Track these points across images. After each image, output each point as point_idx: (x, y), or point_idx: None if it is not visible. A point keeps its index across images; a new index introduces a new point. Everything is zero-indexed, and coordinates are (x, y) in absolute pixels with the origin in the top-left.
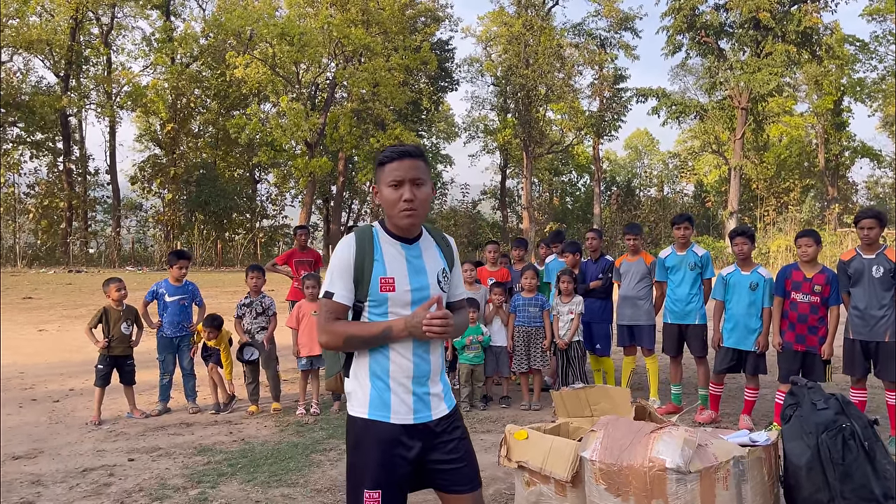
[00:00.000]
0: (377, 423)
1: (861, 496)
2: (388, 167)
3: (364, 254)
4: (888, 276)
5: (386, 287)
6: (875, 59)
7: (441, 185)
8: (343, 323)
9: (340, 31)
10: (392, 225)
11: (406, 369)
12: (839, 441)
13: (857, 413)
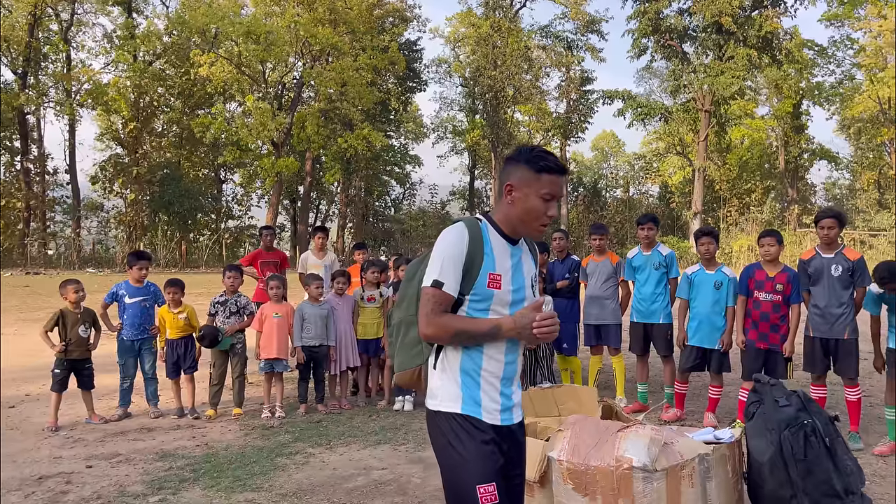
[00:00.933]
0: (469, 419)
1: (823, 492)
2: (546, 178)
3: (476, 246)
4: (846, 274)
5: (493, 283)
6: (833, 64)
7: (410, 185)
8: (451, 316)
9: (307, 31)
10: (510, 227)
11: (497, 370)
12: (801, 437)
13: (819, 410)
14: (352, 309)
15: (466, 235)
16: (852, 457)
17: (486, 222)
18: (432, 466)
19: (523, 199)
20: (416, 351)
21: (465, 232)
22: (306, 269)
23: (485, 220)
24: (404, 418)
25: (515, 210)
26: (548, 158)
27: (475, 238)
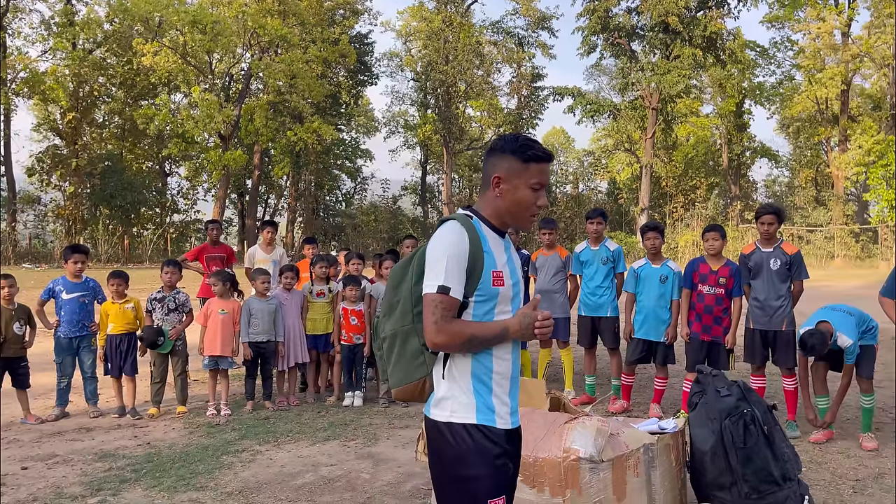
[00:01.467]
0: (484, 429)
1: (761, 478)
2: (535, 167)
3: (476, 245)
4: (784, 268)
5: (498, 281)
6: (773, 65)
7: (361, 179)
8: (461, 322)
9: (256, 21)
10: (499, 220)
11: (506, 370)
12: (741, 426)
13: (758, 399)
14: (300, 304)
15: (466, 235)
16: (789, 444)
17: (476, 218)
18: (382, 462)
19: (512, 191)
20: (419, 362)
21: (465, 231)
22: (253, 263)
23: (475, 217)
24: (354, 414)
25: (504, 202)
26: (535, 147)
27: (474, 236)
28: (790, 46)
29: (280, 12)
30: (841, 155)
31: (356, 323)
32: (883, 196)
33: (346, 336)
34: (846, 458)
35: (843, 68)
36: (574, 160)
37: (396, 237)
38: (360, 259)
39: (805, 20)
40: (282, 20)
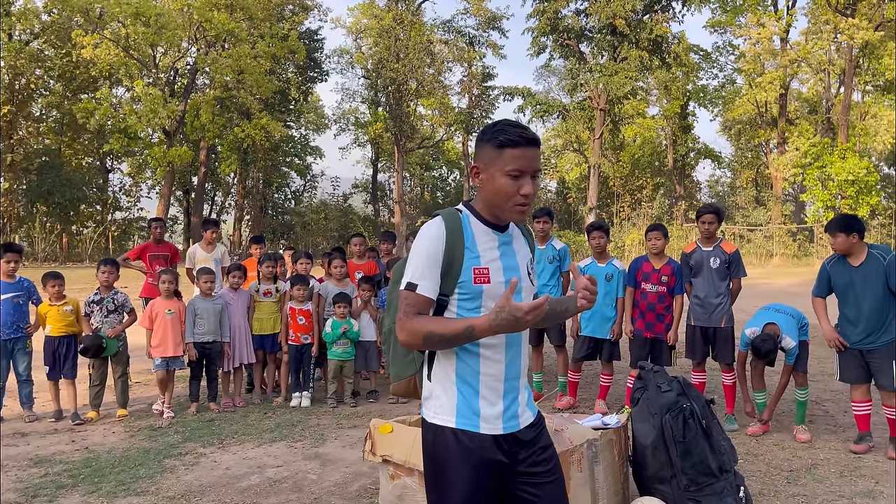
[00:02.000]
0: (465, 433)
1: (699, 471)
2: (509, 152)
3: (455, 241)
4: (724, 266)
5: (480, 279)
6: (716, 69)
7: (311, 177)
8: (424, 319)
9: (202, 15)
10: (490, 213)
11: (497, 371)
12: (680, 420)
13: (697, 394)
14: (247, 304)
15: (443, 230)
16: (726, 437)
17: (466, 212)
18: (329, 462)
19: (490, 180)
20: (409, 359)
21: (442, 226)
22: (194, 263)
23: (465, 210)
24: (301, 415)
25: (486, 192)
26: (508, 131)
27: (454, 231)
28: (732, 51)
29: (227, 6)
30: (779, 157)
31: (304, 323)
32: (818, 197)
33: (294, 336)
34: (781, 450)
35: (782, 73)
36: None
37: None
38: (308, 258)
39: (746, 26)
40: (229, 14)
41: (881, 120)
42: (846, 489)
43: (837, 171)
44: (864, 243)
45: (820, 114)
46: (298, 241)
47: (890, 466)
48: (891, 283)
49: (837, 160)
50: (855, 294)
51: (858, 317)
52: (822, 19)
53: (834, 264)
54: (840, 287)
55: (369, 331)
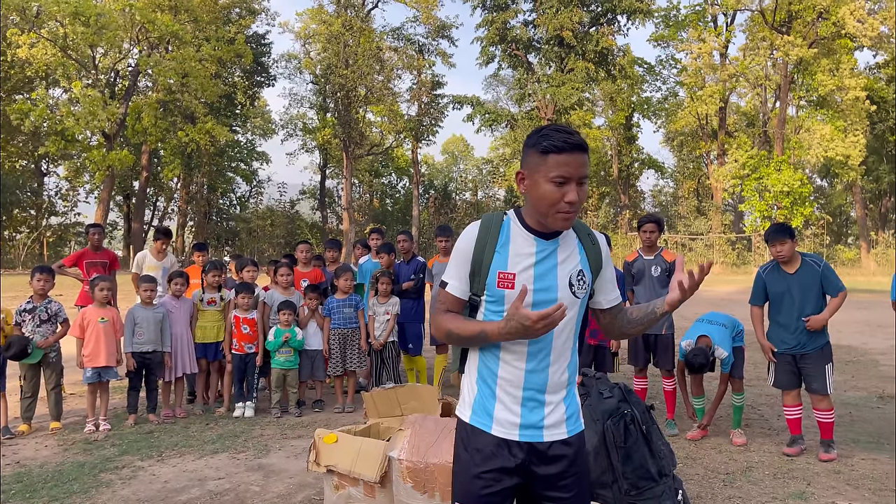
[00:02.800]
0: (477, 431)
1: (640, 475)
2: (553, 158)
3: (486, 243)
4: (664, 275)
5: (504, 283)
6: (659, 81)
7: (257, 183)
8: (448, 317)
9: (144, 16)
10: (535, 219)
11: (516, 378)
12: (621, 426)
13: (637, 400)
14: (190, 312)
15: (476, 232)
16: (665, 442)
17: (512, 216)
18: (273, 473)
19: (534, 187)
20: (457, 355)
21: (477, 228)
22: (141, 270)
23: (511, 214)
24: (244, 425)
25: (531, 199)
26: (553, 136)
27: (488, 233)
28: (674, 64)
29: (171, 8)
30: (719, 168)
31: (248, 331)
32: (756, 207)
33: (238, 345)
34: (718, 454)
35: (721, 87)
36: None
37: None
38: (254, 266)
39: (687, 40)
40: (173, 16)
41: (814, 134)
42: (779, 491)
43: (773, 182)
44: (797, 251)
45: (757, 127)
46: (244, 248)
47: (821, 468)
48: (826, 289)
49: (773, 172)
50: (791, 300)
51: (793, 323)
52: (759, 36)
53: (769, 272)
54: (776, 294)
55: (316, 339)
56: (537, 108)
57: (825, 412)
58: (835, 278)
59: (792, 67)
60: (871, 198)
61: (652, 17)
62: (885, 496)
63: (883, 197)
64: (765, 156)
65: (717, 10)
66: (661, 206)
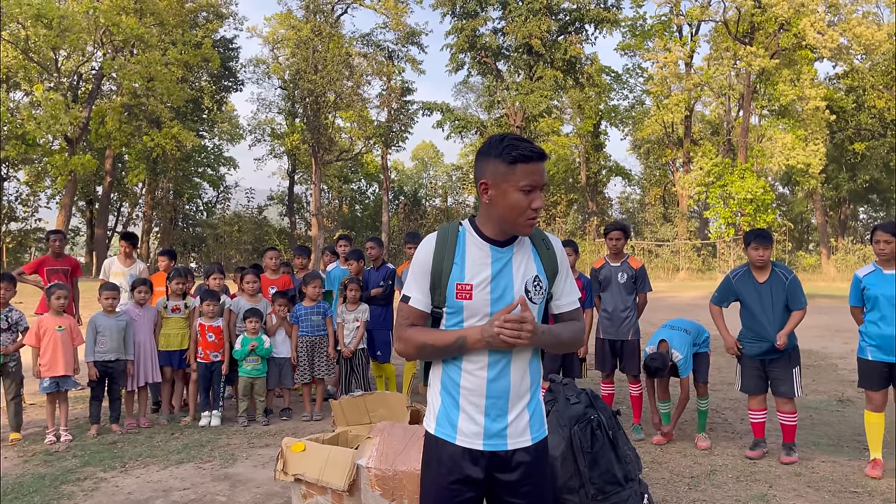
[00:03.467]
0: (441, 442)
1: (606, 480)
2: (521, 168)
3: (443, 255)
4: (630, 281)
5: (462, 294)
6: (626, 90)
7: (224, 188)
8: (417, 330)
9: (108, 18)
10: (494, 227)
11: (478, 387)
12: (588, 431)
13: (604, 405)
14: (154, 320)
15: (433, 244)
16: (631, 447)
17: (466, 227)
18: (240, 483)
19: (501, 196)
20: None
21: (433, 240)
22: (108, 276)
23: (465, 225)
24: (210, 434)
25: (496, 209)
26: (520, 147)
27: (444, 246)
28: (641, 73)
29: (137, 11)
30: (685, 175)
31: (213, 339)
32: (720, 214)
33: (203, 353)
34: (683, 458)
35: (687, 96)
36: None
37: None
38: (220, 273)
39: (653, 50)
40: (138, 19)
41: (776, 142)
42: (742, 493)
43: (737, 189)
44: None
45: (721, 135)
46: (210, 254)
47: (783, 471)
48: (790, 303)
49: (737, 179)
50: (761, 308)
51: (761, 331)
52: (723, 46)
53: (740, 278)
54: (747, 301)
55: (284, 347)
56: (506, 116)
57: (789, 415)
58: (800, 293)
59: (754, 77)
60: (831, 205)
61: (619, 27)
62: (845, 498)
63: (842, 204)
64: (729, 164)
65: (683, 21)
66: (629, 212)
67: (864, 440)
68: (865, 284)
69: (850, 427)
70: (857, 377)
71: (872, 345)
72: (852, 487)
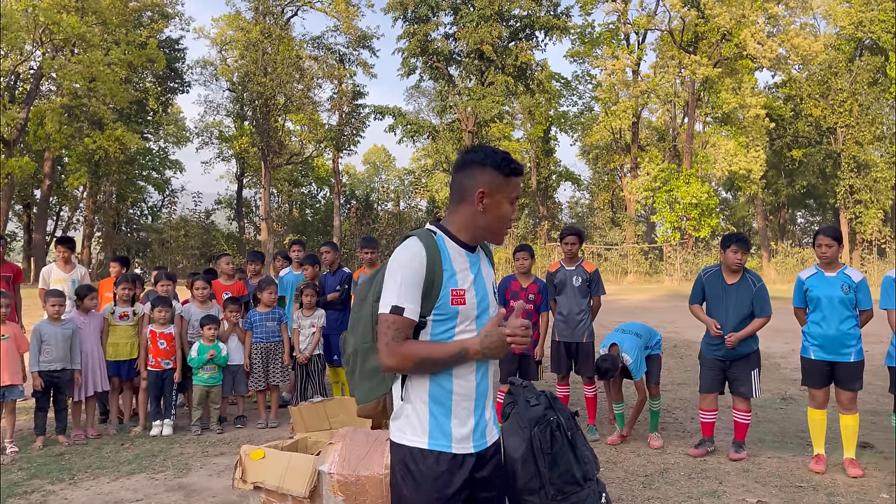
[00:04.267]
0: (437, 455)
1: (565, 480)
2: (514, 181)
3: (435, 262)
4: (585, 285)
5: (457, 300)
6: (575, 96)
7: (170, 192)
8: (414, 344)
9: (49, 17)
10: (470, 235)
11: (469, 391)
12: (548, 433)
13: (562, 407)
14: (100, 327)
15: (424, 252)
16: (589, 447)
17: (440, 234)
18: (195, 493)
19: (496, 205)
20: (378, 381)
21: (422, 248)
22: (48, 284)
23: (439, 232)
24: (163, 444)
25: (487, 217)
26: (513, 162)
27: (433, 253)
28: (590, 80)
29: (78, 9)
30: (632, 181)
31: (165, 347)
32: (667, 218)
33: (154, 361)
34: (637, 457)
35: (634, 102)
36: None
37: (209, 253)
38: (170, 279)
39: (602, 57)
40: (80, 18)
41: (719, 149)
42: (694, 490)
43: (683, 194)
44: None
45: (667, 141)
46: (156, 259)
47: (732, 467)
48: (756, 310)
49: (683, 185)
50: (724, 309)
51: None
52: (669, 55)
53: (710, 276)
54: (712, 299)
55: (238, 354)
56: (458, 121)
57: (744, 413)
58: (767, 302)
59: (698, 85)
60: (771, 210)
61: (568, 34)
62: (791, 492)
63: (781, 209)
64: (674, 169)
65: (630, 29)
66: (578, 217)
67: (807, 436)
68: (808, 286)
69: (794, 424)
70: (798, 376)
71: (815, 344)
72: (798, 482)
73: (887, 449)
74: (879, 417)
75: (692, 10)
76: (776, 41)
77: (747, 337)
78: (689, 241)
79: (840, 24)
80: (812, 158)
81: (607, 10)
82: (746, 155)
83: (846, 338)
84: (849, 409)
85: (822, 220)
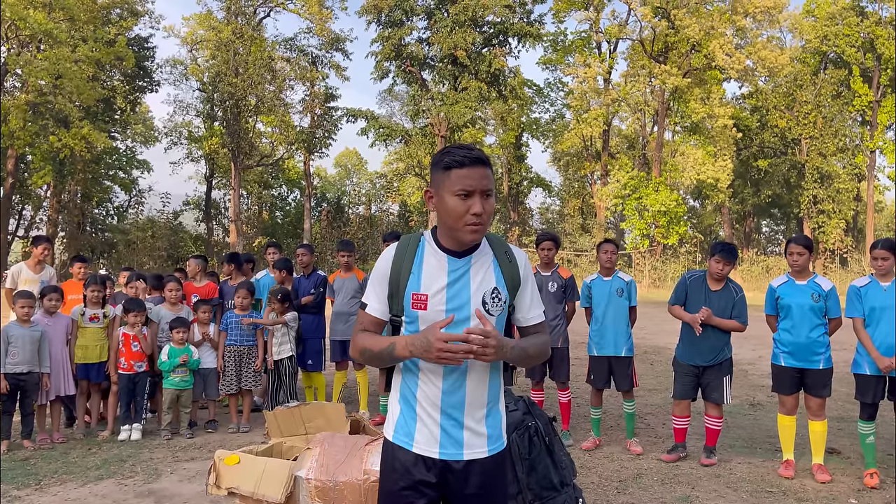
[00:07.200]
0: (397, 449)
1: (543, 485)
2: (455, 173)
3: (401, 265)
4: (560, 290)
5: (417, 304)
6: (547, 103)
7: (137, 192)
8: (364, 335)
9: (15, 12)
10: (447, 237)
11: (434, 396)
12: (526, 438)
13: (540, 412)
14: (67, 329)
15: (392, 254)
16: (566, 452)
17: (427, 236)
18: (165, 498)
19: (441, 202)
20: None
21: (392, 250)
22: (17, 284)
23: (426, 235)
24: (132, 449)
25: (440, 216)
26: (454, 153)
27: (403, 255)
28: (561, 87)
29: (45, 5)
30: (602, 188)
31: (138, 349)
32: (636, 225)
33: (126, 364)
34: (610, 462)
35: (605, 111)
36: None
37: (177, 255)
38: (142, 280)
39: (574, 65)
40: (47, 13)
41: (688, 157)
42: (667, 495)
43: (652, 202)
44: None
45: (637, 150)
46: (122, 261)
47: (703, 473)
48: (734, 318)
49: (652, 192)
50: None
51: (703, 339)
52: (639, 64)
53: (694, 280)
54: (694, 303)
55: (209, 357)
56: (431, 125)
57: (716, 419)
58: (745, 311)
59: (668, 95)
60: (738, 218)
61: (541, 41)
62: (762, 497)
63: (747, 217)
64: (644, 177)
65: (602, 38)
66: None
67: (776, 442)
68: (779, 294)
69: (762, 430)
70: (766, 382)
71: (785, 351)
72: (768, 487)
73: (853, 455)
74: (846, 423)
75: (663, 20)
76: (744, 53)
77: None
78: (658, 248)
79: (806, 38)
80: (777, 168)
81: (580, 19)
82: (714, 164)
83: (816, 345)
84: (817, 416)
85: (787, 229)
